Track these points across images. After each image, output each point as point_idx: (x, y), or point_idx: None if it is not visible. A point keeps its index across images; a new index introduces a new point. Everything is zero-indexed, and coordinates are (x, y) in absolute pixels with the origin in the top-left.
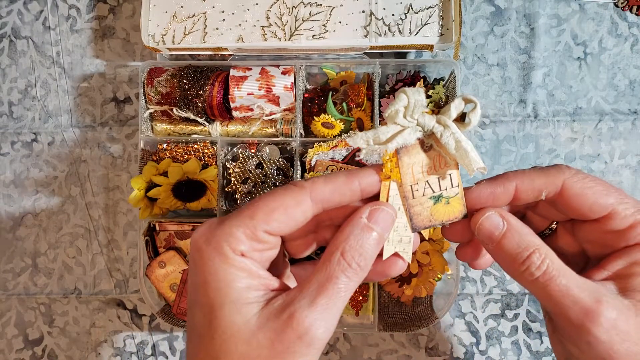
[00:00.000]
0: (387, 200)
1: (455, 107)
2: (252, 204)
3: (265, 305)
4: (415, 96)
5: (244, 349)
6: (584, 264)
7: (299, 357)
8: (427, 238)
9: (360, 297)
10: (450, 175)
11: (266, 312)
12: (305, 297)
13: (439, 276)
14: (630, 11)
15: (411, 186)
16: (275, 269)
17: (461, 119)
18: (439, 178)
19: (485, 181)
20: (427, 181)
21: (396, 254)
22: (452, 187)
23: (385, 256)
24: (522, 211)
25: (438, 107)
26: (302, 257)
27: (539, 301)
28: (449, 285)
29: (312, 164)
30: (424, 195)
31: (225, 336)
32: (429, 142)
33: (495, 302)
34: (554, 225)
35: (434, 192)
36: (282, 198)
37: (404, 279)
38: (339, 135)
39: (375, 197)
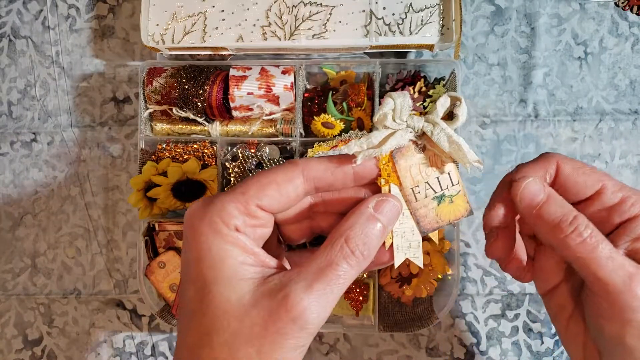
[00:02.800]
0: None
1: (442, 105)
2: (245, 181)
3: (260, 282)
4: (400, 98)
5: (236, 326)
6: None
7: (290, 339)
8: (436, 242)
9: (361, 298)
10: (449, 173)
11: (261, 290)
12: (302, 280)
13: (439, 276)
14: (631, 11)
15: (412, 189)
16: (270, 252)
17: (449, 117)
18: (438, 178)
19: (500, 183)
20: (427, 182)
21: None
22: (453, 185)
23: (396, 264)
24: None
25: None
26: (298, 245)
27: (578, 267)
28: (450, 285)
29: None
30: (426, 196)
31: (218, 312)
32: (421, 143)
33: (496, 302)
34: None
35: (435, 192)
36: (274, 174)
37: (404, 279)
38: (339, 135)
39: (374, 187)
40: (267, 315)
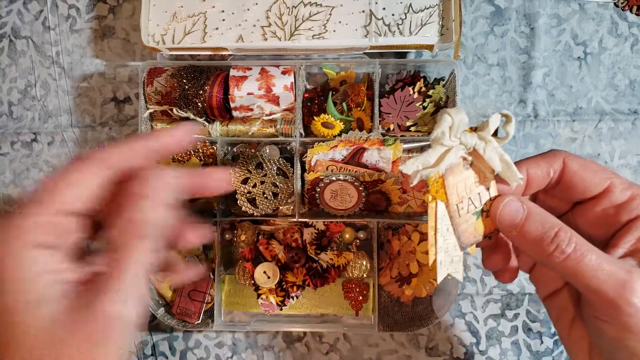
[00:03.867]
0: (436, 221)
1: (494, 122)
2: (39, 187)
3: (67, 300)
4: (458, 116)
5: (47, 353)
6: None
7: (111, 344)
8: (473, 254)
9: (361, 297)
10: (489, 189)
11: (68, 307)
12: (106, 286)
13: None
14: (631, 11)
15: (457, 205)
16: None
17: (494, 133)
18: (479, 193)
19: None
20: (470, 198)
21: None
22: (491, 201)
23: (439, 279)
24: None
25: (438, 107)
26: None
27: (569, 281)
28: (449, 285)
29: (312, 163)
30: (468, 212)
31: (24, 343)
32: (470, 159)
33: (495, 302)
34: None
35: (476, 207)
36: (66, 173)
37: (404, 279)
38: (339, 135)
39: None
40: (79, 331)
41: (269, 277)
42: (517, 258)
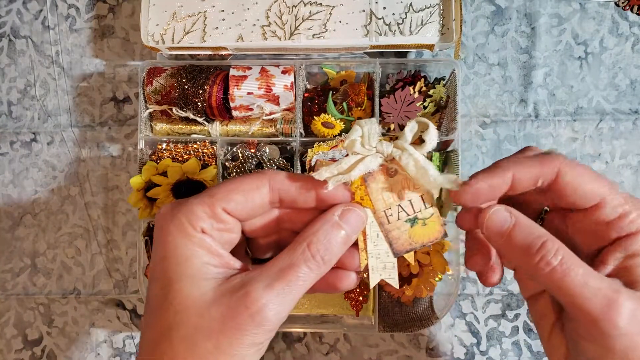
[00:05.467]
0: (365, 229)
1: (410, 130)
2: (213, 186)
3: (223, 282)
4: (368, 125)
5: (196, 321)
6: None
7: (247, 335)
8: (412, 263)
9: (361, 298)
10: (421, 197)
11: (223, 288)
12: (263, 279)
13: (439, 276)
14: (632, 11)
15: (384, 211)
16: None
17: (421, 141)
18: (410, 201)
19: (481, 173)
20: (399, 205)
21: (382, 281)
22: (426, 208)
23: (371, 284)
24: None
25: (439, 107)
26: (264, 259)
27: (554, 294)
28: (450, 285)
29: (312, 163)
30: (398, 219)
31: (180, 307)
32: (392, 167)
33: (496, 302)
34: (543, 215)
35: (408, 215)
36: (241, 181)
37: (405, 279)
38: (339, 135)
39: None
40: (227, 311)
41: None
42: (499, 256)
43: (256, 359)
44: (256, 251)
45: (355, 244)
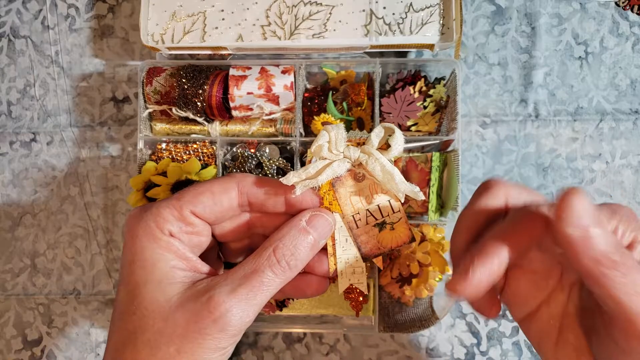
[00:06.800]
0: (334, 234)
1: (376, 135)
2: (183, 189)
3: (189, 286)
4: (334, 131)
5: (160, 326)
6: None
7: (210, 340)
8: (381, 268)
9: (361, 298)
10: (389, 201)
11: (188, 293)
12: (228, 284)
13: (439, 277)
14: (632, 10)
15: (353, 216)
16: (208, 264)
17: (388, 147)
18: (378, 205)
19: (472, 259)
20: (367, 210)
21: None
22: (394, 212)
23: (340, 290)
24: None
25: (439, 107)
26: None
27: (602, 298)
28: None
29: None
30: (367, 223)
31: (146, 312)
32: (360, 172)
33: None
34: None
35: (376, 219)
36: (210, 184)
37: (405, 280)
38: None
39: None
40: (191, 316)
41: None
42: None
43: None
44: (229, 256)
45: (325, 249)
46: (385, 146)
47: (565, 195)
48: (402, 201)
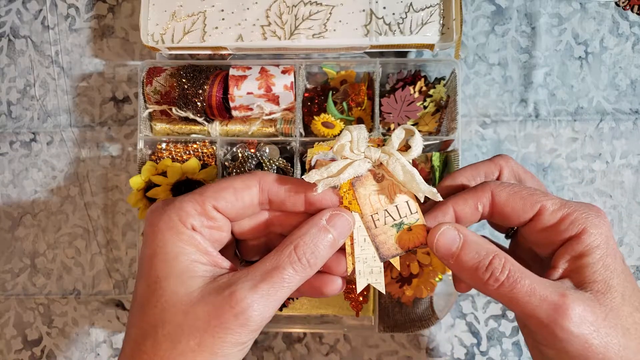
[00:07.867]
0: (352, 233)
1: (397, 137)
2: (205, 185)
3: (210, 280)
4: (357, 131)
5: (181, 319)
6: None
7: (231, 334)
8: (398, 268)
9: (361, 298)
10: (407, 202)
11: (209, 287)
12: (249, 280)
13: (439, 277)
14: (632, 10)
15: (372, 216)
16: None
17: (407, 148)
18: (397, 206)
19: (427, 214)
20: (386, 210)
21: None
22: (412, 213)
23: (359, 289)
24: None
25: (439, 107)
26: (253, 262)
27: (509, 308)
28: (450, 285)
29: (312, 163)
30: (385, 224)
31: (166, 305)
32: (380, 173)
33: (496, 302)
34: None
35: (394, 220)
36: (232, 180)
37: (405, 280)
38: (339, 134)
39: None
40: (212, 309)
41: None
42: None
43: (239, 358)
44: (245, 253)
45: (342, 249)
46: (404, 148)
47: (430, 234)
48: (422, 201)
